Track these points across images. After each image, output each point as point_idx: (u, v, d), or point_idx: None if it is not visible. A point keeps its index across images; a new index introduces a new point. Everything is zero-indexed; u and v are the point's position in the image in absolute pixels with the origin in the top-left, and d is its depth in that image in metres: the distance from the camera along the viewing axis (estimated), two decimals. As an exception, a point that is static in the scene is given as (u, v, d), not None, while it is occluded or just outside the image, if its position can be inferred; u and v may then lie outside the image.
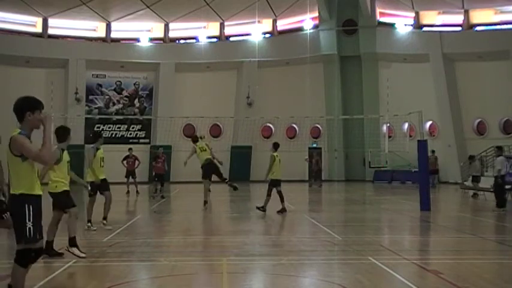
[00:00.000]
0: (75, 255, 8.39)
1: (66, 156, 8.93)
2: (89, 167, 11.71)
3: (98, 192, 11.79)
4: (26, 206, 5.12)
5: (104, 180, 11.85)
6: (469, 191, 22.67)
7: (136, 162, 23.36)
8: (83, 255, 8.42)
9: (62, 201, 8.80)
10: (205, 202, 16.37)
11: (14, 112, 5.30)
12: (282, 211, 15.10)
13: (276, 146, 15.76)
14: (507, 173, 21.24)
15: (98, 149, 11.87)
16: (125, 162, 23.15)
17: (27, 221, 5.10)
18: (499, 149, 17.72)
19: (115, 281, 7.04)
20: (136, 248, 9.61)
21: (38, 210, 5.22)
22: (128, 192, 22.82)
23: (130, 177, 22.92)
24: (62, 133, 9.01)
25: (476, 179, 22.30)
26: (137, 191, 22.92)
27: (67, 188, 8.91)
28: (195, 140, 17.06)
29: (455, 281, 6.86)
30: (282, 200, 15.28)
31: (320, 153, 31.90)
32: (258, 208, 15.20)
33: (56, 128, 8.85)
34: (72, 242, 8.57)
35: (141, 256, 8.90)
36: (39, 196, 5.28)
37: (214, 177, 16.86)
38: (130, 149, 23.95)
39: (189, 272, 7.76)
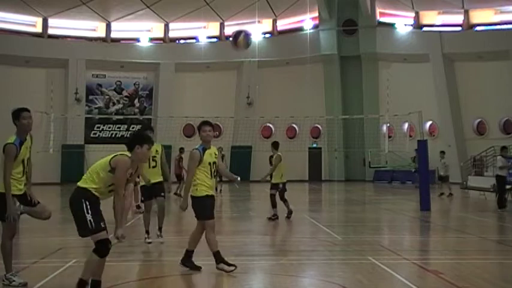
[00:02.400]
0: (225, 271, 7.40)
1: (207, 157, 7.46)
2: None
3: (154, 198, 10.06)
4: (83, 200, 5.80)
5: (159, 183, 9.86)
6: (469, 191, 22.69)
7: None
8: (232, 268, 7.42)
9: (196, 208, 7.59)
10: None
11: (127, 143, 6.00)
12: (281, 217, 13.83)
13: (276, 145, 14.18)
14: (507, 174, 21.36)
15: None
16: None
17: (85, 213, 5.80)
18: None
19: (115, 281, 7.04)
20: (136, 248, 9.60)
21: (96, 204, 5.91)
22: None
23: None
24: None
25: (443, 179, 22.25)
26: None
27: (209, 193, 7.47)
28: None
29: (455, 281, 6.86)
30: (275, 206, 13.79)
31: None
32: (287, 217, 13.81)
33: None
34: (218, 257, 7.51)
35: (141, 256, 8.89)
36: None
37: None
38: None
39: (189, 272, 7.75)
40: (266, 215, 14.78)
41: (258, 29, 35.89)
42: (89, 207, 5.80)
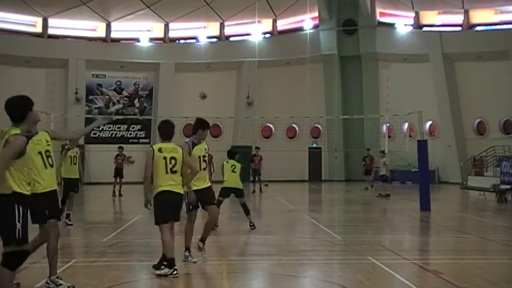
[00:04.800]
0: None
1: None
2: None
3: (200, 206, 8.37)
4: (16, 205, 5.06)
5: (207, 189, 8.24)
6: (469, 191, 22.68)
7: (127, 161, 22.73)
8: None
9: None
10: None
11: (15, 113, 5.46)
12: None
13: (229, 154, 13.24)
14: (507, 173, 21.37)
15: (195, 143, 8.34)
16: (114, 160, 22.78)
17: (16, 222, 5.03)
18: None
19: (115, 281, 7.04)
20: (136, 248, 9.60)
21: (26, 211, 5.18)
22: (114, 193, 21.88)
23: (118, 178, 22.34)
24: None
25: (386, 179, 22.71)
26: (120, 193, 21.91)
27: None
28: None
29: (455, 281, 6.86)
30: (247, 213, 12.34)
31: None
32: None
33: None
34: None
35: (141, 256, 8.89)
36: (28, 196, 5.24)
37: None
38: (120, 147, 23.63)
39: (189, 272, 7.75)
40: (266, 215, 14.79)
41: (258, 29, 35.91)
42: (21, 214, 5.04)
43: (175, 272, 7.18)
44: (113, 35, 35.11)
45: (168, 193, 7.28)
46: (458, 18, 32.79)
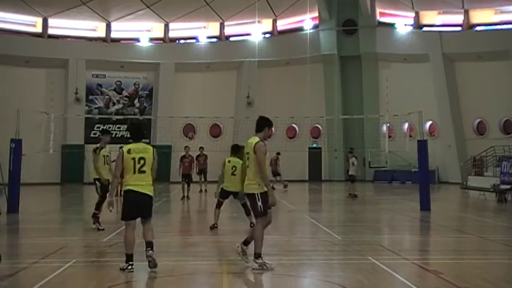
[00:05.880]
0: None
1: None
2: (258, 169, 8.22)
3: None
4: None
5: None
6: (470, 191, 22.66)
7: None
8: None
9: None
10: None
11: None
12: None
13: (233, 149, 12.61)
14: (507, 173, 21.36)
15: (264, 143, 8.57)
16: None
17: None
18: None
19: (115, 281, 7.05)
20: (137, 248, 9.58)
21: None
22: (116, 194, 22.17)
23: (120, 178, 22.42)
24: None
25: (353, 179, 21.71)
26: (120, 194, 22.08)
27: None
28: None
29: (455, 281, 6.86)
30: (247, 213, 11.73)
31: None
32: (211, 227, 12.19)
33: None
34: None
35: (141, 256, 8.88)
36: None
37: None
38: (121, 147, 23.63)
39: (189, 272, 7.76)
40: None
41: (258, 29, 35.92)
42: None
43: (130, 267, 7.52)
44: (113, 35, 35.14)
45: (133, 193, 7.69)
46: (458, 18, 32.80)
